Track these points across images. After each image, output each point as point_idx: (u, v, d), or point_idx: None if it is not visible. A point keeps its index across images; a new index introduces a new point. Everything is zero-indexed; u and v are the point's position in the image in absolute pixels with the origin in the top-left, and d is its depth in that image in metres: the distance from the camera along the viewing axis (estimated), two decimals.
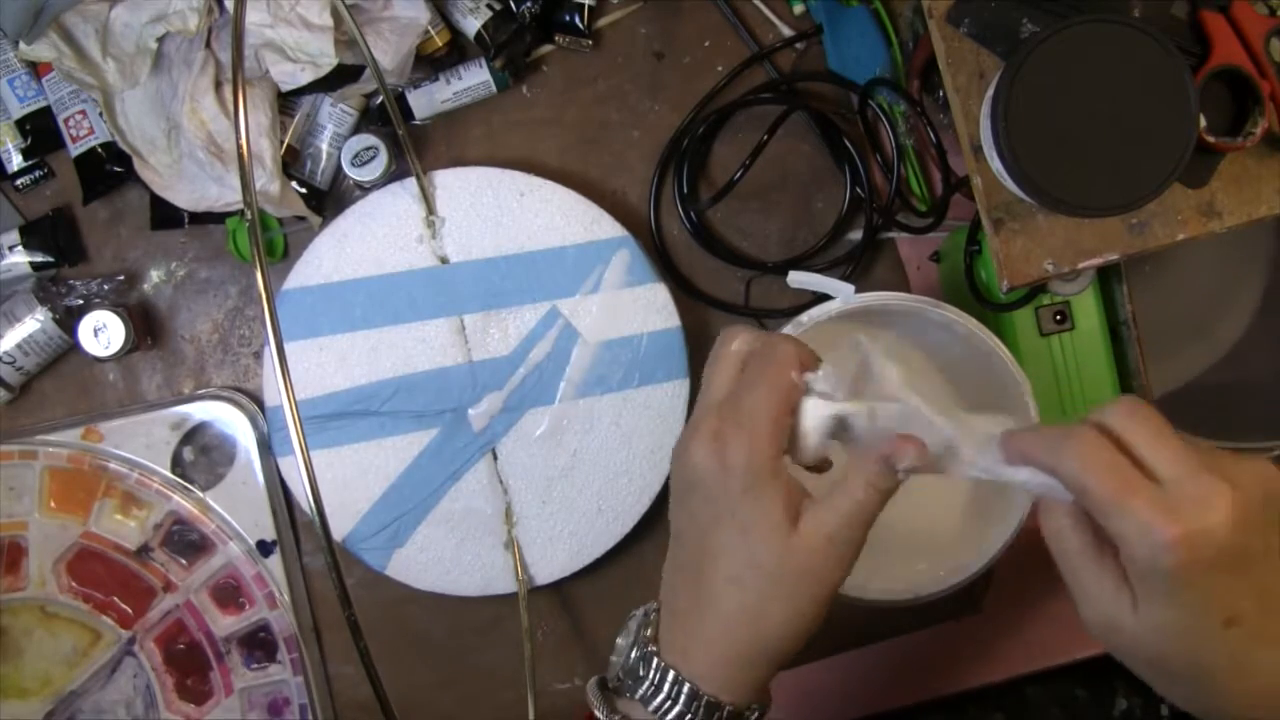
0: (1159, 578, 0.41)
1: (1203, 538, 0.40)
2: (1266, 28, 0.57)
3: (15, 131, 0.72)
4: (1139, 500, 0.40)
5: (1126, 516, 0.41)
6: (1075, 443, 0.42)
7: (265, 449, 0.72)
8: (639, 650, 0.48)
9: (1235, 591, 0.41)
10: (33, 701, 0.71)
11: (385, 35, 0.67)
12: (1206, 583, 0.41)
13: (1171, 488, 0.41)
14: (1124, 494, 0.41)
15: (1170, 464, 0.41)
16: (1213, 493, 0.40)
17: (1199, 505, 0.40)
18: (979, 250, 0.67)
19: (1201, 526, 0.40)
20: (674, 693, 0.46)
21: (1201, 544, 0.40)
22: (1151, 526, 0.40)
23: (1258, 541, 0.41)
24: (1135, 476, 0.41)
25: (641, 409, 0.72)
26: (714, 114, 0.75)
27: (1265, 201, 0.60)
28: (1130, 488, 0.41)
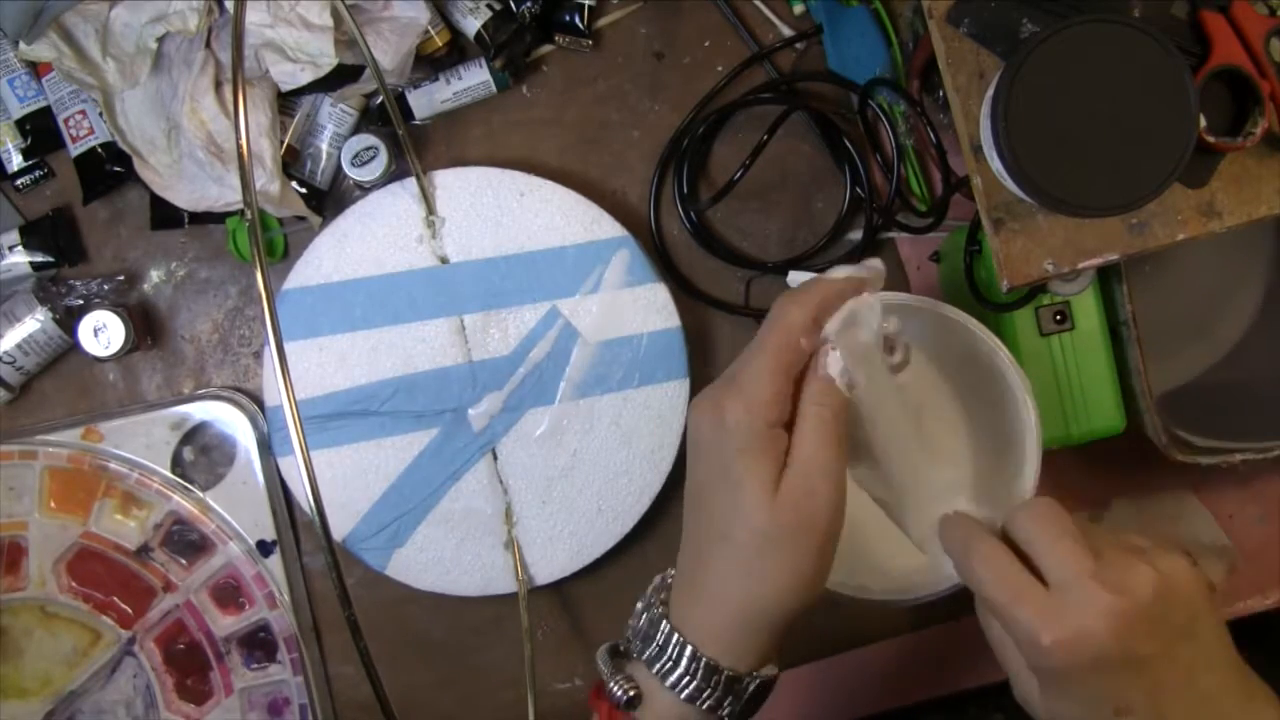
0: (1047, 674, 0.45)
1: (1081, 644, 0.43)
2: (1266, 28, 0.56)
3: (15, 131, 0.72)
4: (1024, 608, 0.44)
5: (1013, 623, 0.45)
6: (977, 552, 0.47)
7: (265, 449, 0.72)
8: (649, 613, 0.49)
9: (1124, 686, 0.44)
10: (33, 701, 0.71)
11: (385, 35, 0.67)
12: (1092, 680, 0.44)
13: (1056, 593, 0.44)
14: (1012, 602, 0.44)
15: (1060, 568, 0.44)
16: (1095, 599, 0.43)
17: (1079, 612, 0.43)
18: (979, 250, 0.67)
19: (1079, 633, 0.43)
20: (675, 654, 0.47)
21: (1080, 649, 0.43)
22: (1033, 633, 0.43)
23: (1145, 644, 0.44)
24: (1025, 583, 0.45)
25: (641, 409, 0.72)
26: (714, 114, 0.75)
27: (1265, 201, 0.59)
28: (1019, 597, 0.44)
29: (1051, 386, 0.67)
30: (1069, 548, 0.44)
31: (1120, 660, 0.43)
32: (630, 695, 0.48)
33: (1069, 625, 0.43)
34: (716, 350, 0.76)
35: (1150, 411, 0.66)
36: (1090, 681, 0.44)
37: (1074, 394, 0.67)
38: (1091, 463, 0.72)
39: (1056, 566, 0.44)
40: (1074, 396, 0.67)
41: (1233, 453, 0.68)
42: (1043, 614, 0.44)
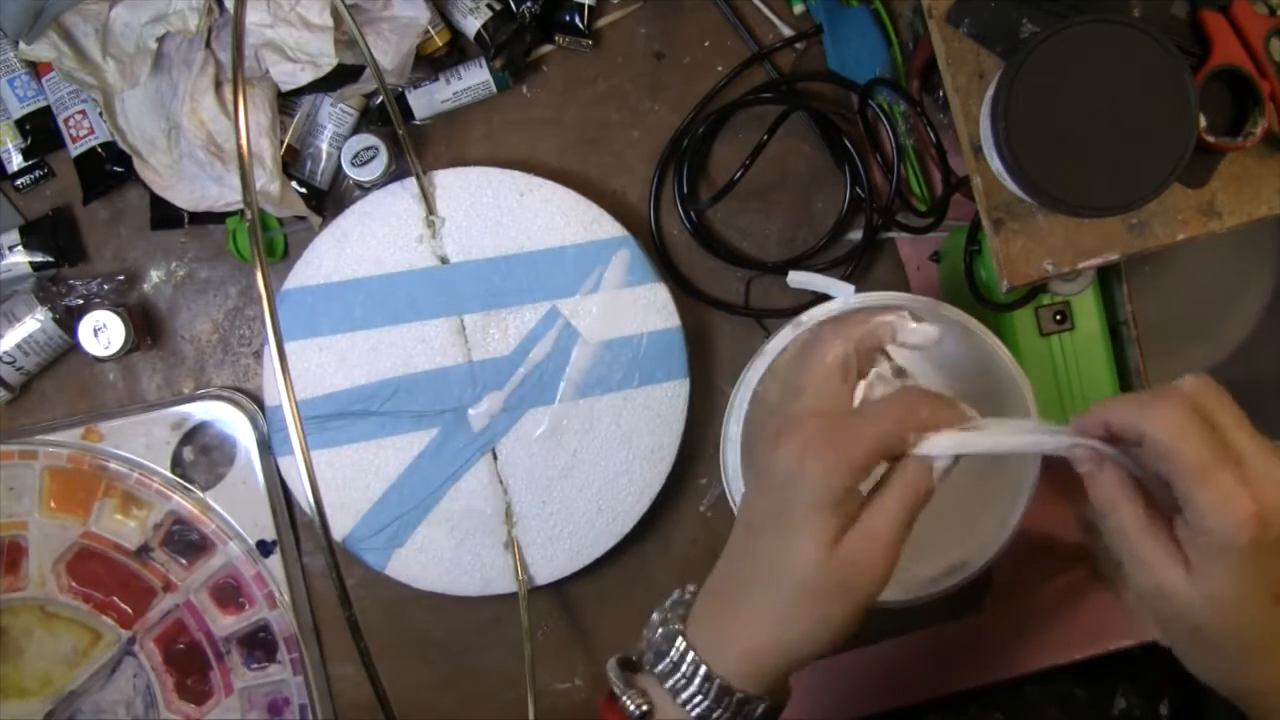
0: (1225, 550, 0.43)
1: (1275, 517, 0.42)
2: (1266, 28, 0.57)
3: (15, 131, 0.72)
4: (1225, 474, 0.42)
5: (1210, 487, 0.42)
6: (1168, 407, 0.44)
7: (265, 449, 0.72)
8: (666, 628, 0.49)
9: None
10: (33, 701, 0.71)
11: (385, 35, 0.67)
12: (1267, 560, 0.43)
13: (1251, 466, 0.43)
14: (1213, 465, 0.42)
15: (1250, 444, 0.43)
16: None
17: (1276, 487, 0.42)
18: (979, 250, 0.67)
19: (1275, 507, 0.42)
20: (690, 673, 0.47)
21: (1274, 523, 0.42)
22: (1233, 500, 0.42)
23: None
24: (1222, 449, 0.43)
25: (641, 409, 0.72)
26: (714, 114, 0.75)
27: (1265, 201, 0.60)
28: (1219, 460, 0.42)
29: (1051, 386, 0.67)
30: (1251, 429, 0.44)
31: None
32: (643, 710, 0.48)
33: (1267, 497, 0.42)
34: (716, 350, 0.76)
35: None
36: (1263, 561, 0.43)
37: (1074, 394, 0.67)
38: None
39: (1249, 441, 0.43)
40: (1074, 396, 0.67)
41: None
42: (1243, 484, 0.42)
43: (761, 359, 0.61)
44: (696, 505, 0.76)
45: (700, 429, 0.74)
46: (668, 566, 0.75)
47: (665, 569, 0.75)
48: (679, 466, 0.73)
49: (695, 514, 0.76)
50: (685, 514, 0.75)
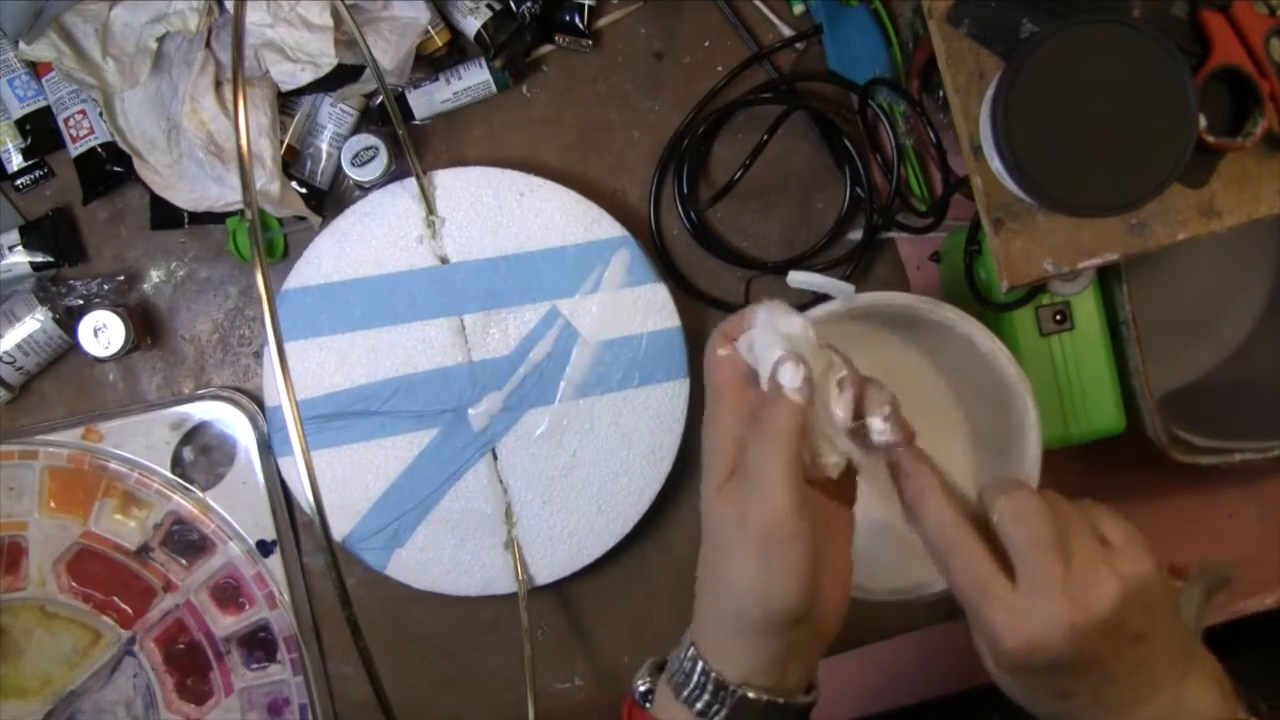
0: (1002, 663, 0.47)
1: (1038, 651, 0.45)
2: (1266, 28, 0.56)
3: (15, 131, 0.72)
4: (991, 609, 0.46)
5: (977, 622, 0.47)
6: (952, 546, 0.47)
7: (265, 449, 0.72)
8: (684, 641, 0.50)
9: (1071, 679, 0.47)
10: (33, 701, 0.71)
11: (385, 35, 0.67)
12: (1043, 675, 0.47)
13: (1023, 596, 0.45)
14: (981, 601, 0.46)
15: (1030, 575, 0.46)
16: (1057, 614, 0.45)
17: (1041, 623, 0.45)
18: (979, 250, 0.67)
19: (1038, 643, 0.45)
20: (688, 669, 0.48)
21: (1037, 655, 0.45)
22: (996, 634, 0.46)
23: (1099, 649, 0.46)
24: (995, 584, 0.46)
25: (641, 409, 0.72)
26: (714, 114, 0.75)
27: (1265, 201, 0.59)
28: (987, 597, 0.46)
29: (1051, 386, 0.67)
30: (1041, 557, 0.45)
31: (1071, 663, 0.46)
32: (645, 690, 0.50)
33: (1029, 633, 0.45)
34: None
35: (1150, 411, 0.66)
36: (1039, 676, 0.47)
37: (1074, 394, 0.67)
38: (1091, 463, 0.72)
39: (1026, 574, 0.46)
40: (1074, 396, 0.67)
41: (1233, 453, 0.68)
42: (1007, 618, 0.45)
43: None
44: (696, 505, 0.75)
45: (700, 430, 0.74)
46: (668, 566, 0.75)
47: (665, 569, 0.75)
48: (679, 466, 0.73)
49: (695, 513, 0.75)
50: (685, 514, 0.75)
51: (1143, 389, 0.66)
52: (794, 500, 0.46)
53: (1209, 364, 0.74)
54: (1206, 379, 0.74)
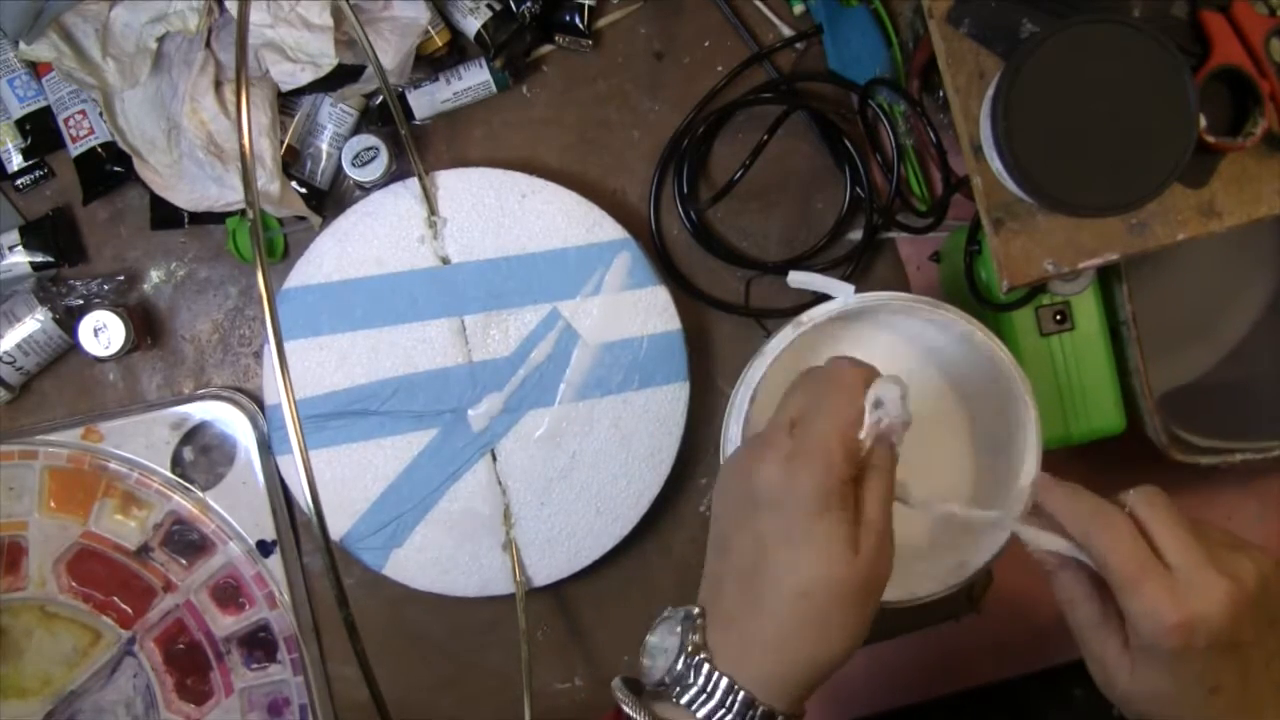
0: (1158, 653, 0.48)
1: (1201, 625, 0.46)
2: (1266, 28, 0.57)
3: (15, 131, 0.72)
4: (1151, 585, 0.47)
5: (1139, 599, 0.47)
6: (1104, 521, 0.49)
7: (265, 449, 0.72)
8: (688, 656, 0.48)
9: (1222, 668, 0.48)
10: (33, 701, 0.71)
11: (385, 35, 0.67)
12: (1198, 661, 0.47)
13: (1180, 575, 0.47)
14: (1139, 578, 0.47)
15: (1181, 554, 0.48)
16: (1215, 586, 0.46)
17: (1201, 597, 0.46)
18: (979, 250, 0.67)
19: (1201, 615, 0.46)
20: (728, 701, 0.47)
21: (1199, 630, 0.46)
22: (1158, 611, 0.46)
23: (1248, 631, 0.47)
24: (1151, 562, 0.48)
25: (641, 411, 0.72)
26: (714, 114, 0.75)
27: (1265, 201, 0.59)
28: (1145, 573, 0.47)
29: (1051, 386, 0.67)
30: (1186, 535, 0.48)
31: (1227, 643, 0.47)
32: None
33: (1192, 608, 0.46)
34: (716, 351, 0.76)
35: (1150, 411, 0.66)
36: (1196, 662, 0.47)
37: (1074, 394, 0.67)
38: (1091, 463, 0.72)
39: (1177, 551, 0.47)
40: (1074, 396, 0.67)
41: (1233, 452, 0.68)
42: (1169, 595, 0.46)
43: (761, 359, 0.61)
44: (696, 506, 0.76)
45: (700, 429, 0.74)
46: (667, 567, 0.75)
47: (665, 570, 0.75)
48: (678, 467, 0.73)
49: (695, 515, 0.76)
50: (685, 515, 0.75)
51: (1143, 389, 0.66)
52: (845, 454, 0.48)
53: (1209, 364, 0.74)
54: (1206, 379, 0.74)
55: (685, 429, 0.72)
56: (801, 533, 0.47)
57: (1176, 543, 0.48)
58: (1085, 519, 0.49)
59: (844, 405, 0.49)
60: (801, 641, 0.47)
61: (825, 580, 0.47)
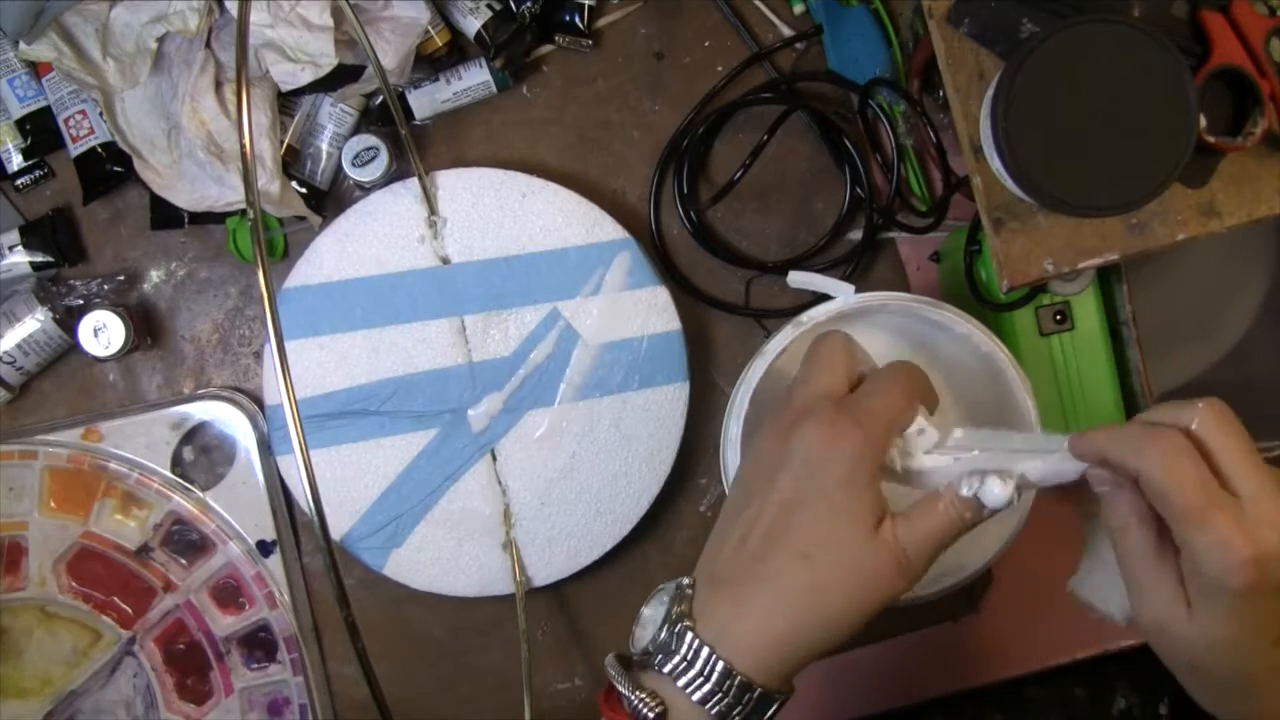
0: (1223, 592, 0.41)
1: (1274, 562, 0.40)
2: (1266, 28, 0.57)
3: (15, 131, 0.72)
4: (1221, 516, 0.41)
5: (1205, 530, 0.41)
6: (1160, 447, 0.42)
7: (265, 449, 0.72)
8: (671, 623, 0.47)
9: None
10: (33, 701, 0.71)
11: (385, 35, 0.67)
12: (1266, 604, 0.42)
13: (1250, 507, 0.41)
14: (1207, 508, 0.41)
15: (1251, 482, 0.42)
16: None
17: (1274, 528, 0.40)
18: (979, 250, 0.67)
19: (1274, 550, 0.40)
20: (706, 670, 0.46)
21: (1272, 567, 0.40)
22: (1228, 544, 0.40)
23: None
24: (1218, 491, 0.41)
25: (641, 411, 0.72)
26: (714, 114, 0.75)
27: (1265, 201, 0.60)
28: (1213, 502, 0.41)
29: (1051, 387, 0.67)
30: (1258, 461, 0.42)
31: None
32: (658, 711, 0.46)
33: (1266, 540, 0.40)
34: (716, 351, 0.76)
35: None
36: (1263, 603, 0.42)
37: (1074, 394, 0.67)
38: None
39: (1249, 478, 0.42)
40: (1074, 397, 0.67)
41: None
42: (1239, 527, 0.40)
43: (761, 359, 0.61)
44: (696, 506, 0.76)
45: (700, 429, 0.74)
46: (667, 567, 0.75)
47: (665, 570, 0.75)
48: (679, 467, 0.73)
49: (695, 514, 0.76)
50: (685, 514, 0.75)
51: (1143, 389, 0.66)
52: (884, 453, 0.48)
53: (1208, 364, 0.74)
54: (1206, 378, 0.74)
55: (685, 429, 0.72)
56: (824, 498, 0.46)
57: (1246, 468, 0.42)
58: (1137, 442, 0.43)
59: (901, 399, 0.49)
60: (792, 607, 0.46)
61: (831, 546, 0.46)
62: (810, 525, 0.47)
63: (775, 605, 0.46)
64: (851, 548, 0.46)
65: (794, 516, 0.47)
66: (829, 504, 0.47)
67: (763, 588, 0.47)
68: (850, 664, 0.75)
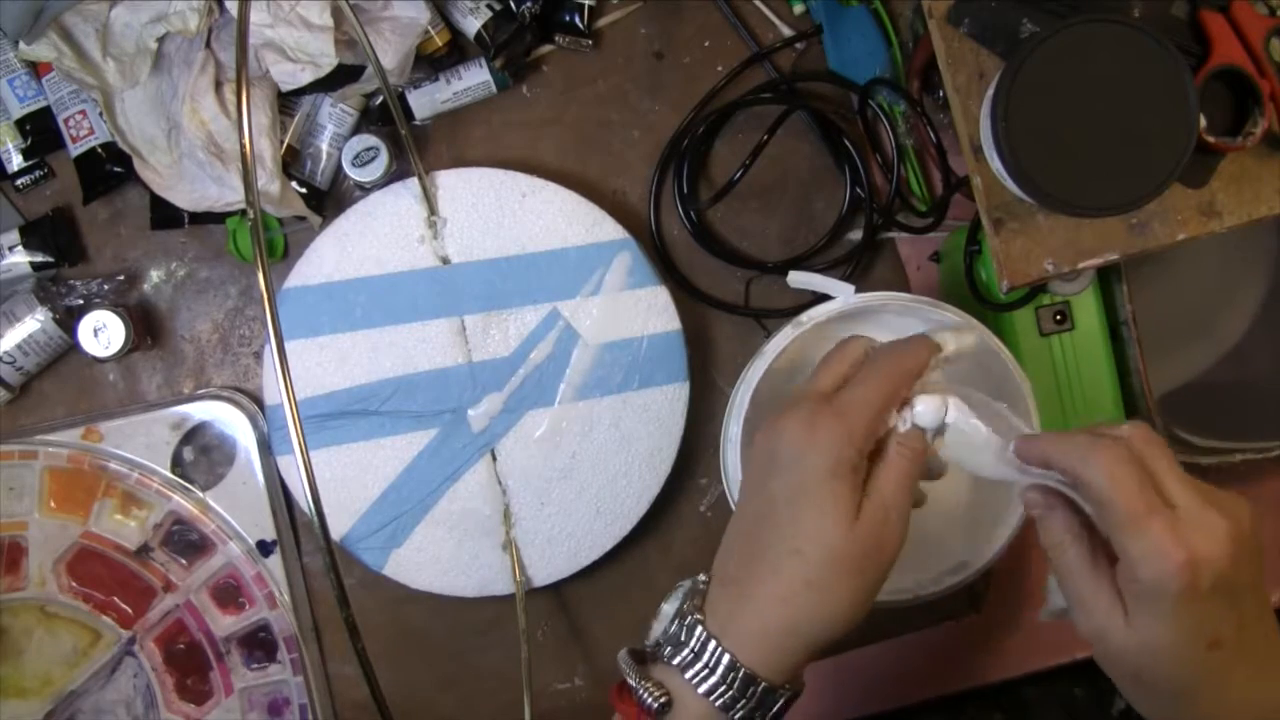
0: (1159, 598, 0.44)
1: (1206, 566, 0.43)
2: (1266, 28, 0.57)
3: (15, 131, 0.72)
4: (1158, 522, 0.43)
5: (1143, 536, 0.43)
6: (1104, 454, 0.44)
7: (265, 449, 0.72)
8: (682, 617, 0.49)
9: (1222, 618, 0.44)
10: (33, 701, 0.71)
11: (385, 35, 0.67)
12: (1200, 608, 0.44)
13: (1183, 515, 0.43)
14: (1146, 514, 0.43)
15: (1184, 491, 0.44)
16: (1218, 525, 0.43)
17: (1206, 535, 0.43)
18: (979, 250, 0.67)
19: (1206, 555, 0.43)
20: (712, 662, 0.47)
21: (1205, 572, 0.43)
22: (1164, 550, 0.43)
23: (1246, 572, 0.44)
24: (1155, 499, 0.44)
25: (640, 411, 0.72)
26: (714, 114, 0.75)
27: (1265, 201, 0.60)
28: (1152, 508, 0.43)
29: (1051, 386, 0.67)
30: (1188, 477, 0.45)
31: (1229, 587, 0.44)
32: (662, 701, 0.48)
33: (1198, 547, 0.43)
34: (717, 351, 0.76)
35: (1150, 411, 0.66)
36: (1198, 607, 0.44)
37: (1074, 394, 0.67)
38: None
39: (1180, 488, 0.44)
40: (1074, 396, 0.67)
41: (1233, 453, 0.68)
42: (1174, 533, 0.43)
43: (761, 359, 0.61)
44: (697, 505, 0.76)
45: (700, 429, 0.74)
46: (668, 567, 0.75)
47: (665, 569, 0.75)
48: (679, 467, 0.73)
49: (695, 514, 0.76)
50: (685, 514, 0.75)
51: (1143, 389, 0.66)
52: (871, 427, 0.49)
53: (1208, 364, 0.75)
54: (1206, 379, 0.74)
55: (685, 429, 0.72)
56: (806, 492, 0.48)
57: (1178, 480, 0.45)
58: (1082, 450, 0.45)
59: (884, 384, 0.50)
60: (789, 603, 0.47)
61: (819, 540, 0.47)
62: (798, 521, 0.48)
63: (773, 601, 0.48)
64: (838, 540, 0.47)
65: (783, 512, 0.49)
66: (812, 498, 0.48)
67: (762, 584, 0.48)
68: (850, 664, 0.75)
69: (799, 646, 0.48)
